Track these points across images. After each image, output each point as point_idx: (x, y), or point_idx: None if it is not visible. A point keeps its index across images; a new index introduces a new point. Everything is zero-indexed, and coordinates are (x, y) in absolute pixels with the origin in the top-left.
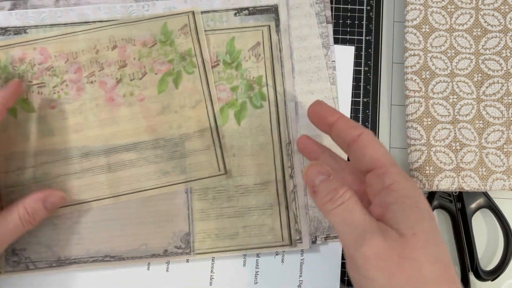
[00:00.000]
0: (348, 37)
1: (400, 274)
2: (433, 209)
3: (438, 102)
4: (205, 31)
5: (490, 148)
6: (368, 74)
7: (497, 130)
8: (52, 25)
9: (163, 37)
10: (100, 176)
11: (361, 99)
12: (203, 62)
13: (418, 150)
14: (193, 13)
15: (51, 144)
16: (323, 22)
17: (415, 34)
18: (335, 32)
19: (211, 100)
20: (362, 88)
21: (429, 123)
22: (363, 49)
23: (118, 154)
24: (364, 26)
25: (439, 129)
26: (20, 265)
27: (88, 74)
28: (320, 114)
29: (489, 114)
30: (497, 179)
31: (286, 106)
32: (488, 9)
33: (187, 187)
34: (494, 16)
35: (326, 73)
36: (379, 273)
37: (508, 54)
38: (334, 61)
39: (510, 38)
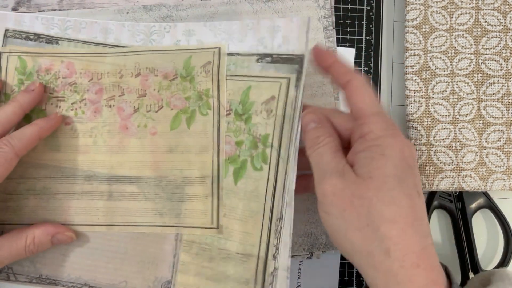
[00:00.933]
0: (348, 37)
1: (351, 210)
2: (433, 209)
3: (438, 102)
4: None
5: (490, 148)
6: (368, 74)
7: (497, 130)
8: (84, 42)
9: (184, 72)
10: (98, 201)
11: None
12: (219, 106)
13: (418, 150)
14: (219, 50)
15: (56, 160)
16: (330, 37)
17: (415, 34)
18: (335, 32)
19: (218, 147)
20: None
21: (429, 123)
22: (363, 49)
23: (120, 184)
24: (364, 26)
25: (439, 129)
26: (1, 274)
27: (108, 97)
28: (319, 56)
29: (489, 114)
30: (497, 179)
31: (286, 175)
32: (488, 9)
33: (178, 233)
34: (494, 16)
35: (330, 87)
36: (334, 208)
37: (508, 54)
38: None
39: (510, 38)
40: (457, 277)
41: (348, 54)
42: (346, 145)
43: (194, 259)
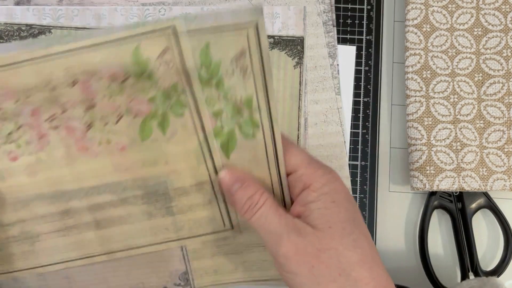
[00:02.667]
0: (348, 36)
1: (319, 265)
2: (433, 209)
3: (439, 102)
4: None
5: (490, 148)
6: (369, 74)
7: (498, 130)
8: (77, 29)
9: (137, 68)
10: (87, 233)
11: (361, 99)
12: (195, 100)
13: (418, 150)
14: (175, 30)
15: (13, 197)
16: (330, 31)
17: (415, 33)
18: (336, 31)
19: (208, 147)
20: (362, 87)
21: (430, 122)
22: (364, 49)
23: (104, 210)
24: (364, 26)
25: (439, 129)
26: None
27: (48, 117)
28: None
29: (490, 114)
30: (498, 179)
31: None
32: (489, 9)
33: (184, 245)
34: (495, 15)
35: (331, 83)
36: (300, 267)
37: (509, 54)
38: (339, 70)
39: (510, 38)
40: (456, 277)
41: (349, 52)
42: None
43: (204, 243)
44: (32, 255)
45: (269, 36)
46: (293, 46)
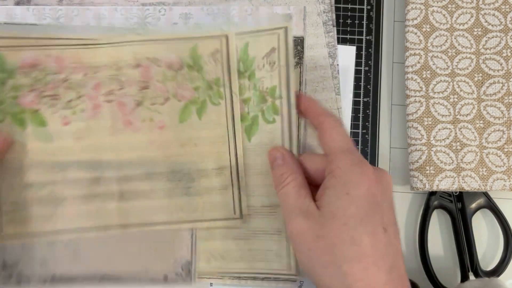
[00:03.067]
0: (348, 36)
1: (315, 249)
2: (433, 209)
3: (438, 102)
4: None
5: (490, 148)
6: (369, 74)
7: (498, 130)
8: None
9: (191, 61)
10: (110, 203)
11: (361, 99)
12: (231, 94)
13: (418, 150)
14: (226, 37)
15: (51, 153)
16: (330, 31)
17: (415, 33)
18: (336, 31)
19: (234, 137)
20: (362, 87)
21: (430, 122)
22: (364, 49)
23: (131, 183)
24: (364, 26)
25: (439, 129)
26: (11, 279)
27: (107, 92)
28: (297, 101)
29: (489, 114)
30: (498, 179)
31: (299, 120)
32: (488, 9)
33: (196, 227)
34: (495, 15)
35: (331, 83)
36: (300, 247)
37: (509, 54)
38: (339, 70)
39: (510, 38)
40: (456, 277)
41: (349, 52)
42: (319, 185)
43: (215, 227)
44: (52, 219)
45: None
46: (293, 46)
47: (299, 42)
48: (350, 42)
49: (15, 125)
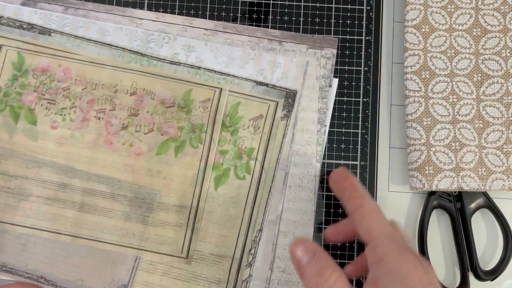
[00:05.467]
0: (348, 37)
1: None
2: (433, 209)
3: (437, 102)
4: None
5: (489, 148)
6: (368, 74)
7: (497, 130)
8: (76, 37)
9: (182, 103)
10: (69, 211)
11: (361, 99)
12: (210, 142)
13: (417, 150)
14: (221, 91)
15: (32, 149)
16: (325, 98)
17: (415, 34)
18: (335, 32)
19: (202, 181)
20: (362, 88)
21: (429, 123)
22: (363, 49)
23: (94, 197)
24: (364, 26)
25: (438, 129)
26: None
27: (99, 109)
28: (335, 179)
29: (488, 114)
30: (497, 179)
31: (270, 192)
32: (488, 9)
33: (141, 256)
34: (494, 16)
35: (314, 149)
36: None
37: (508, 54)
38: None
39: (509, 38)
40: (456, 277)
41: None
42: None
43: (159, 261)
44: (11, 211)
45: (264, 84)
46: (285, 97)
47: (291, 95)
48: (350, 42)
49: (9, 117)
